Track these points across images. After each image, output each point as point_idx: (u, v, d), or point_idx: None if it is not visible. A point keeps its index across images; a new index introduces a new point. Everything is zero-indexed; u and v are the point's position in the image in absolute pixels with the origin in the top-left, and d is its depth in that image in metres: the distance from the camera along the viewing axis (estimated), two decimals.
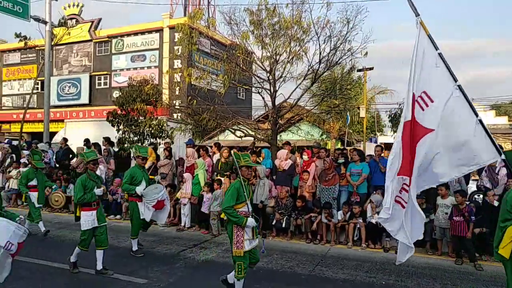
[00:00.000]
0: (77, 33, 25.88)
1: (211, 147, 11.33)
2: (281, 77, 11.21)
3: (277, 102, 11.61)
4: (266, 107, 12.07)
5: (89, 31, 27.10)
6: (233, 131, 11.73)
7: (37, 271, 6.18)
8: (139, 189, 7.18)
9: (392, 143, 4.82)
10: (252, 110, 26.54)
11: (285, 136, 13.65)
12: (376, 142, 25.17)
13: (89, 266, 6.32)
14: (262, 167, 9.40)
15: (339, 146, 20.09)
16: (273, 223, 8.87)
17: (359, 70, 18.06)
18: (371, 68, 18.70)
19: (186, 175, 9.92)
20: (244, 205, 4.98)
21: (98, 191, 6.22)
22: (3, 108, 29.22)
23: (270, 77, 11.13)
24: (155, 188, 7.44)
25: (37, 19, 14.44)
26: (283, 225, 8.71)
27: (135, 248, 7.37)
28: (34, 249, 7.11)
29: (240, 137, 11.77)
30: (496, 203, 7.27)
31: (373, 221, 8.00)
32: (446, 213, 7.44)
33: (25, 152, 12.62)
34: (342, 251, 7.86)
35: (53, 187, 9.07)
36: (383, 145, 11.14)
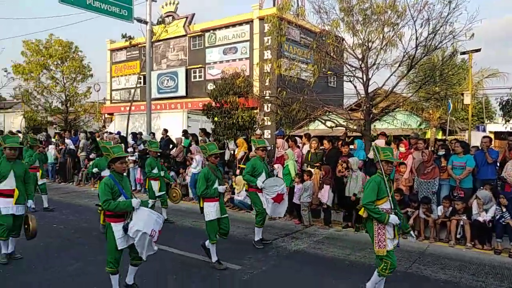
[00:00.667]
0: (173, 30, 27.43)
1: (300, 137, 11.31)
2: (374, 64, 10.70)
3: (370, 90, 11.14)
4: (358, 96, 11.65)
5: (183, 26, 28.54)
6: (323, 121, 11.53)
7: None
8: (259, 182, 7.27)
9: (505, 132, 4.18)
10: (344, 98, 25.86)
11: (379, 126, 13.04)
12: (484, 130, 22.86)
13: (188, 249, 6.73)
14: (355, 159, 9.13)
15: (439, 135, 18.69)
16: None
17: (463, 53, 16.47)
18: (477, 50, 16.86)
19: (276, 166, 10.05)
20: (386, 201, 4.71)
21: (221, 189, 6.26)
22: (112, 101, 32.28)
23: (363, 65, 10.68)
24: (275, 180, 7.52)
25: (140, 20, 15.58)
26: None
27: (257, 237, 7.40)
28: None
29: (331, 127, 11.54)
30: None
31: (480, 219, 7.32)
32: None
33: (131, 142, 13.80)
34: (442, 249, 7.34)
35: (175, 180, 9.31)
36: (491, 136, 10.10)
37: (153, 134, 14.76)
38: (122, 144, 13.94)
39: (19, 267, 6.11)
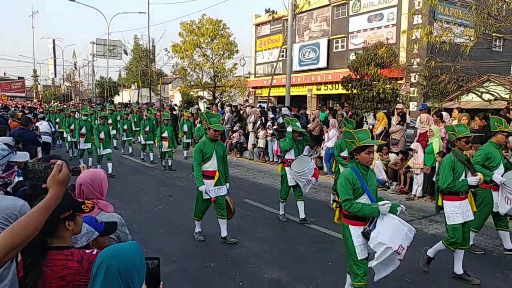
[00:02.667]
0: (314, 1, 27.07)
1: (449, 111, 10.19)
2: None
3: None
4: None
5: None
6: (479, 94, 10.11)
7: None
8: (498, 177, 5.48)
9: None
10: None
11: None
12: None
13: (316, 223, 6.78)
14: None
15: None
16: None
17: None
18: None
19: (417, 144, 9.34)
20: None
21: (472, 180, 4.78)
22: (256, 75, 33.86)
23: None
24: None
25: None
26: None
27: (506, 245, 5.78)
28: None
29: (489, 100, 10.06)
30: None
31: None
32: None
33: (270, 116, 14.34)
34: None
35: None
36: None
37: (289, 108, 14.94)
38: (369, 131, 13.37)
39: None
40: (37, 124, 11.43)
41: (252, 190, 9.86)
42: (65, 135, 15.77)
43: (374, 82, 13.35)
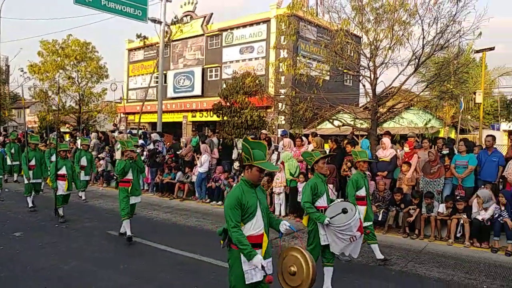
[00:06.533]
0: (188, 29, 27.72)
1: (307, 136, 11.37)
2: (382, 63, 10.67)
3: (379, 90, 11.13)
4: (367, 96, 11.62)
5: (201, 26, 28.85)
6: (331, 120, 11.56)
7: None
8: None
9: None
10: (360, 96, 25.74)
11: (388, 125, 12.99)
12: (498, 129, 22.41)
13: (188, 249, 6.81)
14: None
15: (452, 134, 18.41)
16: None
17: (478, 51, 16.26)
18: (491, 48, 16.48)
19: (281, 166, 10.18)
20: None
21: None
22: (129, 101, 32.87)
23: (371, 64, 10.67)
24: None
25: (153, 21, 15.96)
26: (379, 218, 8.44)
27: None
28: None
29: (338, 126, 11.57)
30: None
31: (479, 217, 7.28)
32: None
33: (140, 142, 13.74)
34: (440, 247, 7.32)
35: None
36: (505, 135, 9.94)
37: (161, 134, 14.82)
38: None
39: None
40: None
41: (117, 220, 9.26)
42: None
43: (243, 110, 14.17)
